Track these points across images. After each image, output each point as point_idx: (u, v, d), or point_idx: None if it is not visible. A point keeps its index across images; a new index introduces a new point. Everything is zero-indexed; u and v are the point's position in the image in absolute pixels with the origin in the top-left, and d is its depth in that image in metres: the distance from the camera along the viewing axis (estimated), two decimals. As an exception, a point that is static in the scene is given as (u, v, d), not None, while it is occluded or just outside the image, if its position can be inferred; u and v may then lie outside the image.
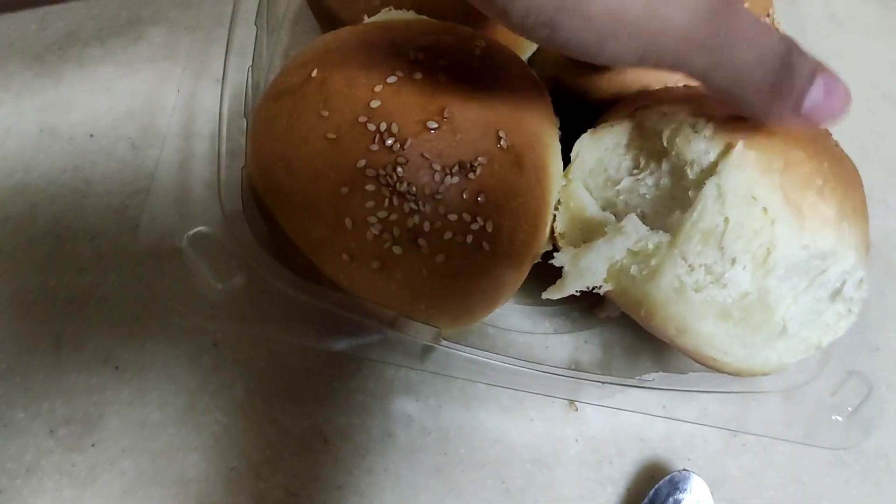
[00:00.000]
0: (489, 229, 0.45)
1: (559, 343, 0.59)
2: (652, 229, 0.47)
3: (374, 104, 0.44)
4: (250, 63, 0.52)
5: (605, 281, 0.47)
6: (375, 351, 0.53)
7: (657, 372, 0.51)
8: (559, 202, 0.51)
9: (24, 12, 0.58)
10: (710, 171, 0.45)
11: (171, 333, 0.51)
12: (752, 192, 0.43)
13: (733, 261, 0.44)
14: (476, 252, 0.45)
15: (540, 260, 0.52)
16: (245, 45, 0.53)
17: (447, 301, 0.47)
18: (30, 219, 0.51)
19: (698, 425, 0.59)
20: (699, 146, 0.46)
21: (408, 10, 0.53)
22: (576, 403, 0.57)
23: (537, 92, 0.51)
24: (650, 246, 0.46)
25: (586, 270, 0.47)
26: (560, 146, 0.52)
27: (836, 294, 0.48)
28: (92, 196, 0.53)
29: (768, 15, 0.61)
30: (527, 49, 0.60)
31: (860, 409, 0.53)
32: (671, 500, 0.53)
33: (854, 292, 0.48)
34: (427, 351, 0.52)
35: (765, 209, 0.43)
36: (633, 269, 0.46)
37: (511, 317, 0.59)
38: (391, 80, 0.45)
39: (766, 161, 0.44)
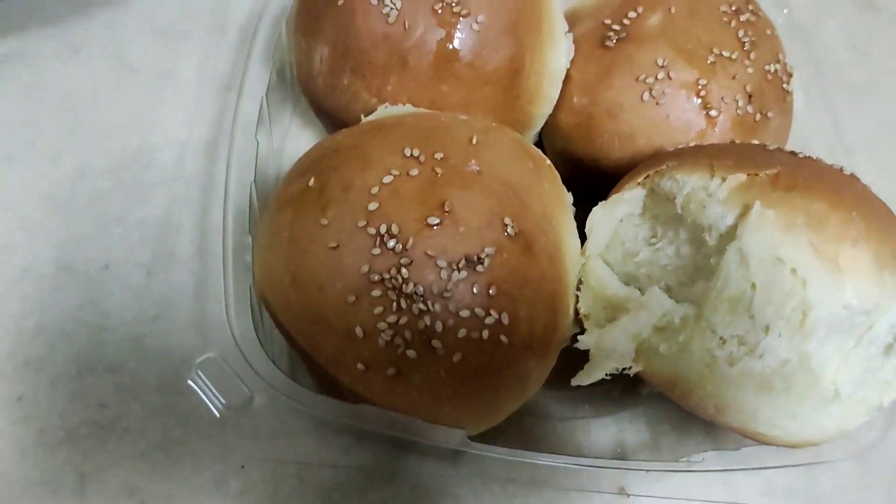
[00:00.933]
0: (505, 322, 0.43)
1: (601, 426, 0.56)
2: (677, 301, 0.44)
3: (372, 206, 0.43)
4: (252, 178, 0.52)
5: (634, 361, 0.44)
6: (407, 459, 0.51)
7: (707, 451, 0.47)
8: (580, 282, 0.49)
9: (37, 149, 0.59)
10: (730, 235, 0.42)
11: (196, 460, 0.49)
12: (776, 253, 0.40)
13: (767, 328, 0.40)
14: (494, 347, 0.43)
15: (568, 343, 0.49)
16: (248, 160, 0.53)
17: (471, 401, 0.45)
18: (49, 360, 0.51)
19: (766, 501, 0.55)
20: (715, 210, 0.44)
21: (404, 105, 0.52)
22: (626, 490, 0.53)
23: (541, 169, 0.49)
24: (676, 320, 0.43)
25: (613, 351, 0.44)
26: (574, 223, 0.50)
27: (889, 348, 0.44)
28: (109, 329, 0.52)
29: (778, 61, 0.59)
30: (531, 126, 0.59)
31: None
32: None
33: None
34: (459, 454, 0.49)
35: (793, 270, 0.40)
36: (662, 347, 0.44)
37: (548, 403, 0.56)
38: (387, 179, 0.44)
39: (788, 218, 0.41)
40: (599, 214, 0.49)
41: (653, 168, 0.49)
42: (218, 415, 0.43)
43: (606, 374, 0.45)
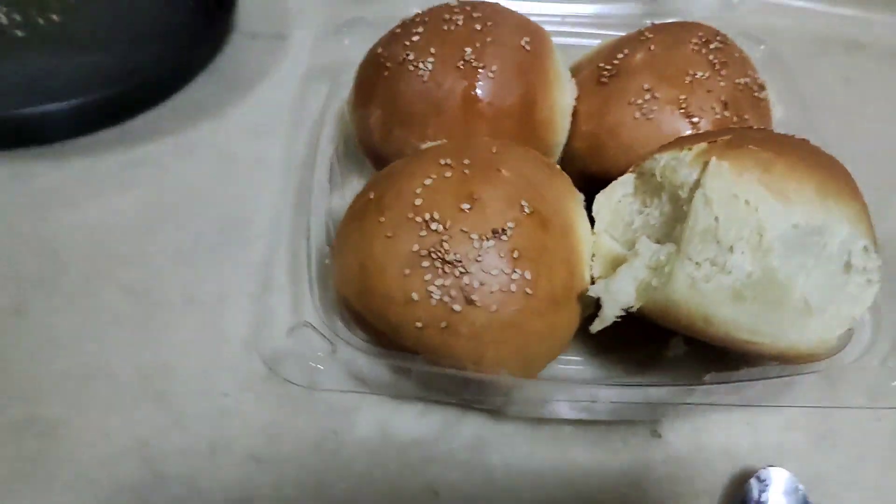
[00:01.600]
0: (528, 277, 0.54)
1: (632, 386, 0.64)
2: (662, 245, 0.55)
3: (418, 202, 0.56)
4: (327, 211, 0.67)
5: (636, 300, 0.55)
6: (466, 416, 0.61)
7: (710, 373, 0.56)
8: (593, 256, 0.60)
9: (167, 223, 0.75)
10: (696, 186, 0.53)
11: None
12: (732, 191, 0.51)
13: (731, 248, 0.50)
14: (523, 298, 0.54)
15: (592, 310, 0.59)
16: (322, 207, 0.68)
17: (509, 346, 0.55)
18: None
19: (786, 434, 0.63)
20: (684, 171, 0.55)
21: (441, 141, 0.66)
22: (658, 431, 0.62)
23: (553, 171, 0.62)
24: (662, 258, 0.54)
25: (618, 293, 0.55)
26: (585, 213, 0.62)
27: (847, 266, 0.53)
28: (229, 341, 0.66)
29: (747, 76, 0.70)
30: (550, 153, 0.72)
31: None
32: (764, 496, 0.56)
33: (863, 261, 0.53)
34: (507, 401, 0.59)
35: (747, 201, 0.51)
36: (654, 282, 0.54)
37: (584, 371, 0.65)
38: (428, 182, 0.57)
39: (740, 165, 0.52)
40: (601, 199, 0.61)
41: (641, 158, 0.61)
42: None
43: (617, 318, 0.55)
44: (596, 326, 0.56)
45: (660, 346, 0.65)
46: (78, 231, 0.74)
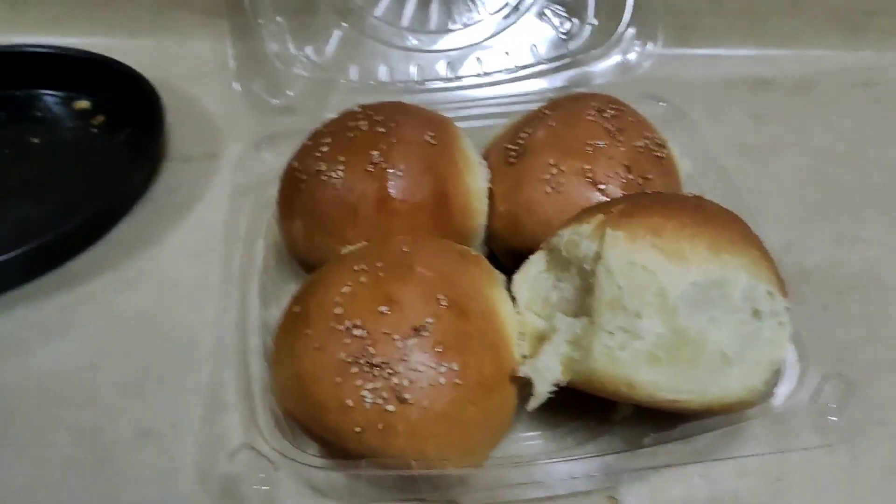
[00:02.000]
0: (455, 368, 0.55)
1: (585, 453, 0.65)
2: (577, 318, 0.57)
3: (338, 311, 0.57)
4: (262, 324, 0.68)
5: (563, 374, 0.56)
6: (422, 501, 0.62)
7: (649, 435, 0.57)
8: (521, 334, 0.62)
9: (114, 356, 0.76)
10: (598, 258, 0.55)
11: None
12: (629, 259, 0.53)
13: (638, 314, 0.52)
14: (453, 389, 0.55)
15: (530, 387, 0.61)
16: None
17: (449, 437, 0.56)
18: None
19: (741, 482, 0.63)
20: (585, 244, 0.57)
21: (361, 244, 0.68)
22: (615, 497, 0.63)
23: (466, 257, 0.64)
24: (578, 331, 0.56)
25: (545, 370, 0.56)
26: (507, 294, 0.64)
27: (756, 312, 0.55)
28: (181, 470, 0.67)
29: (645, 137, 0.73)
30: (472, 237, 0.74)
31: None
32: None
33: (769, 305, 0.55)
34: (462, 491, 0.60)
35: (644, 267, 0.53)
36: (575, 355, 0.55)
37: (538, 446, 0.65)
38: (345, 289, 0.58)
39: (633, 234, 0.54)
40: (518, 279, 0.63)
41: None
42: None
43: (550, 393, 0.57)
44: (532, 405, 0.58)
45: (607, 410, 0.66)
46: (25, 380, 0.74)
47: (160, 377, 0.74)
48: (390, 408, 0.55)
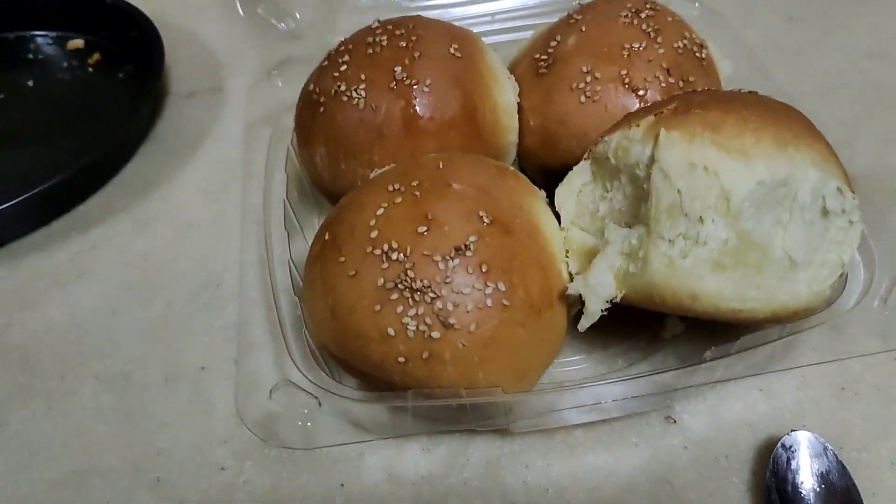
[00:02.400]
0: (503, 288, 0.52)
1: (640, 371, 0.62)
2: (632, 228, 0.53)
3: (373, 234, 0.53)
4: (289, 258, 0.64)
5: (618, 289, 0.52)
6: (473, 440, 0.59)
7: (709, 349, 0.54)
8: (567, 251, 0.58)
9: (133, 300, 0.72)
10: (652, 162, 0.51)
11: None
12: (688, 159, 0.49)
13: (700, 219, 0.48)
14: (501, 311, 0.52)
15: (580, 307, 0.57)
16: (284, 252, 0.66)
17: (498, 363, 0.53)
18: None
19: (804, 394, 0.60)
20: (636, 149, 0.53)
21: (390, 166, 0.63)
22: (672, 416, 0.60)
23: (504, 172, 0.59)
24: (634, 241, 0.52)
25: (598, 286, 0.53)
26: (548, 207, 0.60)
27: (824, 212, 0.51)
28: (218, 411, 0.64)
29: (685, 38, 0.68)
30: (504, 155, 0.70)
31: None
32: (793, 463, 0.53)
33: (839, 203, 0.51)
34: (511, 419, 0.57)
35: (705, 167, 0.48)
36: (631, 268, 0.52)
37: (586, 369, 0.63)
38: (380, 212, 0.54)
39: (690, 132, 0.50)
40: (562, 192, 0.59)
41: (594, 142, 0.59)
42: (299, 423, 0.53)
43: (603, 311, 0.53)
44: (583, 324, 0.54)
45: (657, 329, 0.63)
46: (44, 332, 0.71)
47: (184, 320, 0.71)
48: (435, 334, 0.51)
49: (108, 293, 0.74)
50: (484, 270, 0.52)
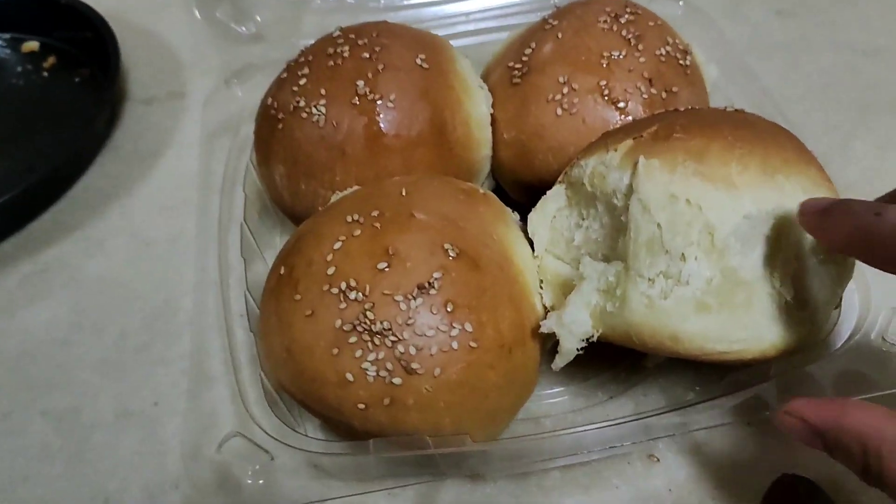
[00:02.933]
0: (470, 329, 0.48)
1: (618, 407, 0.59)
2: (610, 263, 0.49)
3: (330, 271, 0.49)
4: (245, 288, 0.60)
5: (594, 328, 0.49)
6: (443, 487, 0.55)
7: (696, 388, 0.51)
8: (541, 281, 0.54)
9: (85, 329, 0.68)
10: (631, 192, 0.47)
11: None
12: (669, 191, 0.45)
13: (682, 256, 0.45)
14: (468, 353, 0.48)
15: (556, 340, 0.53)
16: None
17: (467, 408, 0.49)
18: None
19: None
20: (613, 176, 0.49)
21: (353, 188, 0.59)
22: (655, 454, 0.56)
23: (474, 197, 0.55)
24: (611, 278, 0.48)
25: (573, 324, 0.49)
26: (521, 234, 0.56)
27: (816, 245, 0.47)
28: (169, 452, 0.60)
29: (668, 44, 0.64)
30: (477, 171, 0.66)
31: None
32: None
33: None
34: (481, 460, 0.53)
35: (688, 200, 0.45)
36: (608, 306, 0.48)
37: (564, 402, 0.59)
38: (337, 245, 0.50)
39: (671, 160, 0.46)
40: (535, 218, 0.55)
41: (568, 165, 0.55)
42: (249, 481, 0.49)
43: (579, 349, 0.49)
44: (558, 363, 0.50)
45: (639, 357, 0.60)
46: (-9, 360, 0.67)
47: (138, 349, 0.67)
48: (396, 380, 0.47)
49: (59, 320, 0.70)
50: (449, 310, 0.48)
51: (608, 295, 0.48)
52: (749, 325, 0.46)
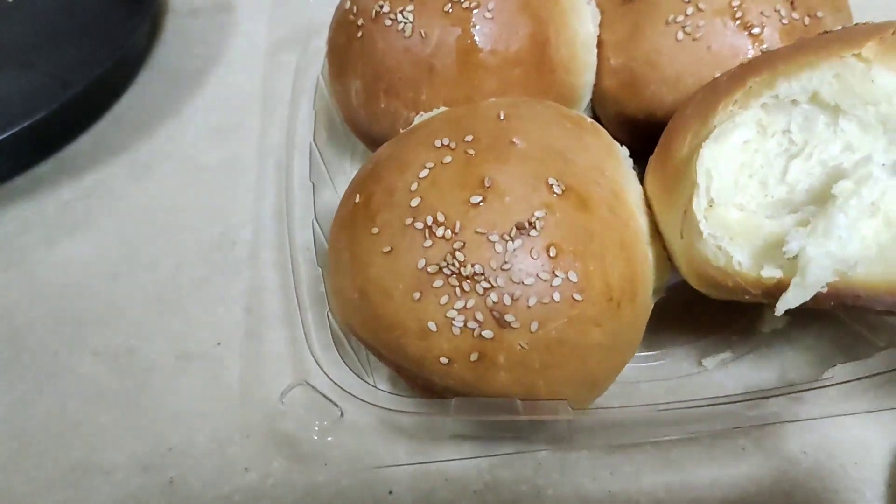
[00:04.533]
0: (574, 279, 0.45)
1: (730, 376, 0.56)
2: None
3: (415, 202, 0.47)
4: (313, 216, 0.59)
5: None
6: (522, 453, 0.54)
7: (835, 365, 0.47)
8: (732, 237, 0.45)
9: (135, 262, 0.68)
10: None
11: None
12: None
13: None
14: (570, 307, 0.45)
15: (664, 295, 0.51)
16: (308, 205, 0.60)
17: (563, 369, 0.46)
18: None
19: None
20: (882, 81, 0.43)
21: (440, 109, 0.57)
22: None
23: (581, 126, 0.52)
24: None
25: (813, 272, 0.40)
26: (632, 170, 0.53)
27: None
28: (228, 399, 0.59)
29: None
30: (578, 98, 0.63)
31: None
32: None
33: None
34: (572, 433, 0.51)
35: None
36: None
37: (668, 365, 0.57)
38: (423, 173, 0.48)
39: None
40: (709, 153, 0.46)
41: (752, 76, 0.47)
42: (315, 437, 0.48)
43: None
44: (790, 301, 0.41)
45: (753, 320, 0.57)
46: (33, 294, 0.67)
47: (196, 285, 0.66)
48: (487, 333, 0.45)
49: (106, 251, 0.70)
50: (552, 255, 0.45)
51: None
52: None
